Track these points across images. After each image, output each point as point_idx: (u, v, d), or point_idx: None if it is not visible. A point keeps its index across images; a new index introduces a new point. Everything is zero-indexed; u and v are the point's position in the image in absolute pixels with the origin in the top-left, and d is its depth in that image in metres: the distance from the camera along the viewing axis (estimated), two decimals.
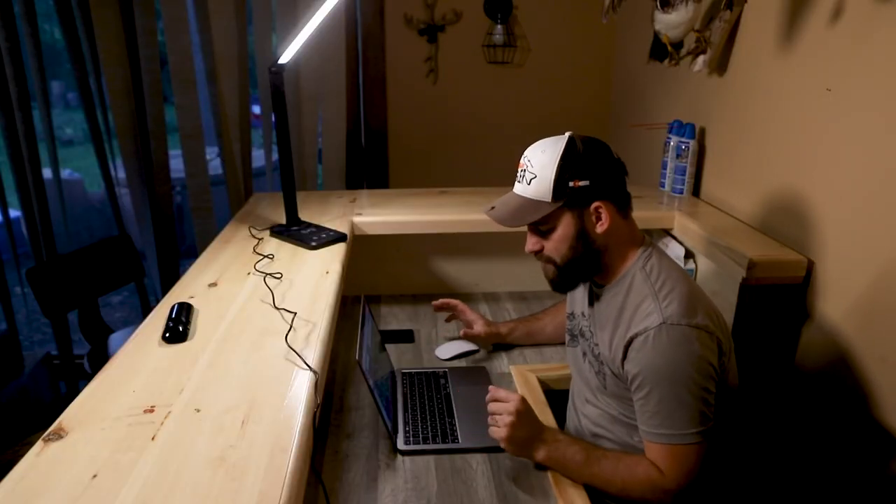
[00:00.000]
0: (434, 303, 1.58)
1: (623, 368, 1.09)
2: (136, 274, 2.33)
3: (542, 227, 1.13)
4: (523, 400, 1.10)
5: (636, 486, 1.06)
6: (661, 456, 1.05)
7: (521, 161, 1.14)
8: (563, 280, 1.17)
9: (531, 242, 1.16)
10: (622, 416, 1.16)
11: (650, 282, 1.09)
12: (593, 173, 1.08)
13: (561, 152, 1.08)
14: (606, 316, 1.15)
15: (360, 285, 1.84)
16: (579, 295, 1.29)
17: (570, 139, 1.10)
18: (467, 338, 1.55)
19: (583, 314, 1.26)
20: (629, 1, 1.80)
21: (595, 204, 1.09)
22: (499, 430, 1.08)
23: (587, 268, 1.15)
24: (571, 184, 1.08)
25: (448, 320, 1.63)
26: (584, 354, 1.24)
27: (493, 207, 1.17)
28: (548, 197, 1.09)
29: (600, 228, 1.10)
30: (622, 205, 1.13)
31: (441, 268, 1.94)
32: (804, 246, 1.39)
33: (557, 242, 1.12)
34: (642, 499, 1.07)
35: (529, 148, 1.14)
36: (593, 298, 1.21)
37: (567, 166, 1.08)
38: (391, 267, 1.91)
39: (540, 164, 1.10)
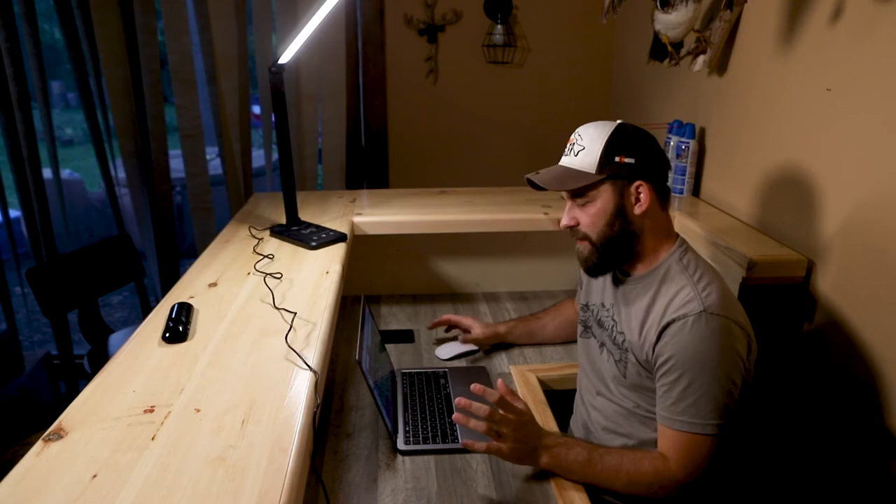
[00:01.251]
0: (429, 327, 1.62)
1: (653, 353, 1.09)
2: (136, 274, 2.33)
3: (582, 199, 1.15)
4: (523, 413, 1.09)
5: (642, 479, 1.06)
6: (676, 443, 1.06)
7: (571, 137, 1.17)
8: (599, 261, 1.17)
9: (568, 217, 1.18)
10: (637, 410, 1.16)
11: (688, 273, 1.10)
12: (640, 154, 1.11)
13: (612, 129, 1.12)
14: (636, 303, 1.16)
15: (360, 285, 1.84)
16: (597, 285, 1.30)
17: (622, 123, 1.14)
18: (466, 343, 1.55)
19: (602, 304, 1.26)
20: (629, 1, 1.80)
21: (637, 182, 1.11)
22: (500, 446, 1.06)
23: (622, 250, 1.16)
24: (618, 158, 1.10)
25: (448, 332, 1.62)
26: (602, 345, 1.25)
27: (537, 173, 1.19)
28: (593, 168, 1.12)
29: (639, 209, 1.12)
30: (662, 194, 1.15)
31: (441, 268, 1.94)
32: (804, 246, 1.39)
33: (595, 217, 1.14)
34: (648, 491, 1.07)
35: (581, 126, 1.17)
36: (618, 287, 1.22)
37: (616, 142, 1.11)
38: (391, 267, 1.91)
39: (590, 137, 1.13)
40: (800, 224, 1.40)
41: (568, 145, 1.17)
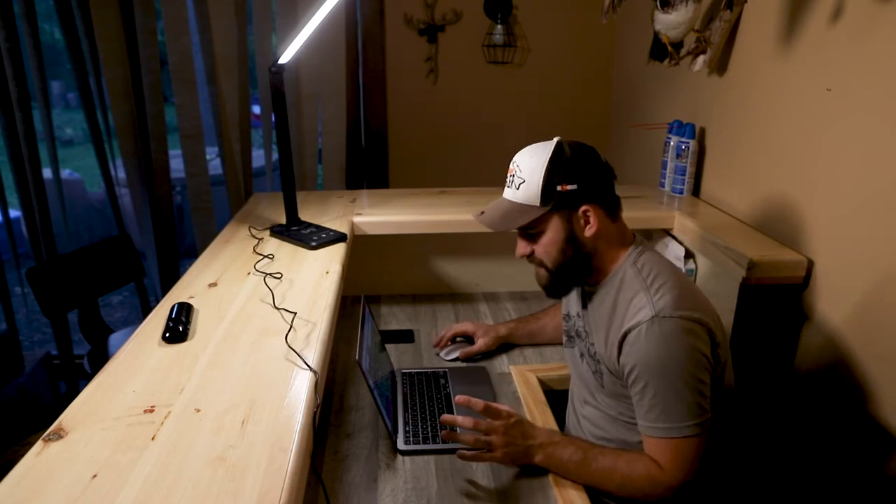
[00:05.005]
0: (434, 344, 1.58)
1: (619, 364, 1.09)
2: (136, 274, 2.33)
3: (532, 231, 1.14)
4: (509, 413, 1.10)
5: (635, 482, 1.06)
6: (661, 450, 1.06)
7: (511, 167, 1.15)
8: (555, 285, 1.19)
9: (521, 247, 1.18)
10: (620, 417, 1.16)
11: (641, 276, 1.10)
12: (581, 177, 1.09)
13: (549, 157, 1.10)
14: (600, 314, 1.16)
15: (360, 285, 1.84)
16: (573, 296, 1.30)
17: (559, 144, 1.12)
18: (467, 356, 1.53)
19: (578, 315, 1.26)
20: (629, 1, 1.80)
21: (583, 207, 1.10)
22: (493, 455, 1.08)
23: (578, 272, 1.16)
24: (559, 188, 1.09)
25: (453, 342, 1.60)
26: (582, 355, 1.25)
27: (482, 213, 1.18)
28: (536, 201, 1.10)
29: (589, 232, 1.11)
30: (611, 208, 1.14)
31: (441, 268, 1.94)
32: (804, 246, 1.39)
33: (547, 246, 1.13)
34: (641, 494, 1.07)
35: (518, 153, 1.15)
36: (586, 299, 1.22)
37: (555, 170, 1.09)
38: (391, 267, 1.91)
39: (528, 168, 1.11)
40: (800, 224, 1.40)
41: (508, 176, 1.15)
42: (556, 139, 1.13)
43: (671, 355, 1.02)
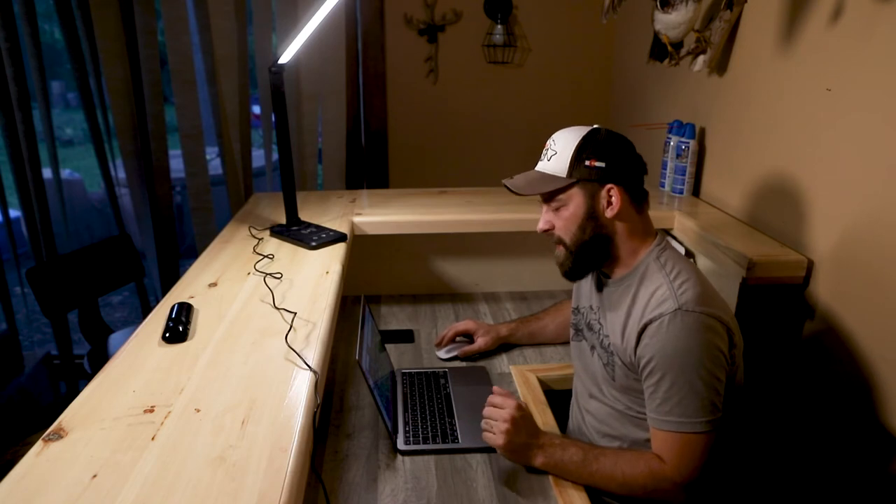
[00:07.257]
0: (436, 343, 1.59)
1: (635, 355, 1.09)
2: (136, 274, 2.33)
3: (555, 204, 1.16)
4: (520, 406, 1.11)
5: (638, 479, 1.06)
6: (668, 444, 1.06)
7: (547, 142, 1.18)
8: (574, 265, 1.18)
9: (543, 220, 1.19)
10: (629, 412, 1.16)
11: (665, 271, 1.11)
12: (611, 158, 1.12)
13: (584, 134, 1.13)
14: (618, 305, 1.16)
15: (360, 285, 1.84)
16: (585, 288, 1.30)
17: (596, 128, 1.15)
18: (466, 354, 1.53)
19: (590, 307, 1.27)
20: (629, 1, 1.80)
21: (608, 186, 1.11)
22: (494, 437, 1.09)
23: (597, 253, 1.16)
24: (588, 162, 1.11)
25: (454, 341, 1.60)
26: (593, 348, 1.25)
27: (511, 178, 1.20)
28: (564, 172, 1.13)
29: (610, 213, 1.12)
30: (637, 197, 1.15)
31: (441, 268, 1.94)
32: (804, 246, 1.39)
33: (567, 221, 1.15)
34: (644, 492, 1.07)
35: (557, 131, 1.18)
36: (602, 289, 1.22)
37: (587, 146, 1.12)
38: (391, 267, 1.91)
39: (563, 142, 1.14)
40: (800, 224, 1.40)
41: (543, 150, 1.18)
42: (595, 125, 1.16)
43: (691, 349, 1.02)
